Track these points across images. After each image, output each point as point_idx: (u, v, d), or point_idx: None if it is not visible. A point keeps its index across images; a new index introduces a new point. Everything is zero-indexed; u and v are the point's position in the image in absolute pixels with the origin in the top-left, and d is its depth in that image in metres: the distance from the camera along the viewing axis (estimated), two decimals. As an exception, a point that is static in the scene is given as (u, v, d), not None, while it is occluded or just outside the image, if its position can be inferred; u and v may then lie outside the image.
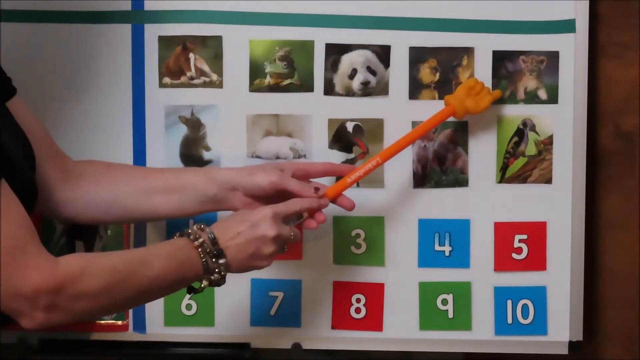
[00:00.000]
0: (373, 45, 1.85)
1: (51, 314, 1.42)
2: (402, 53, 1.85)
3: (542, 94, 1.87)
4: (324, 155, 1.86)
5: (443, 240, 1.88)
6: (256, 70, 1.85)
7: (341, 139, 1.86)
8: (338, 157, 1.86)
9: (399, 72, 1.85)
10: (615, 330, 1.99)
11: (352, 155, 1.87)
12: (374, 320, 1.90)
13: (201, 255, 1.54)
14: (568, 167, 1.87)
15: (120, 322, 1.90)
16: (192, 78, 1.85)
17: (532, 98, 1.86)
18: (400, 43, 1.85)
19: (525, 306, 1.89)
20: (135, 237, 1.88)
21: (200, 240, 1.54)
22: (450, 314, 1.90)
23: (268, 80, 1.85)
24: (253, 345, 1.91)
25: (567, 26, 1.85)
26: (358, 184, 1.77)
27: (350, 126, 1.86)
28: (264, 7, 1.84)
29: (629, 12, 1.91)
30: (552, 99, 1.86)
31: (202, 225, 1.57)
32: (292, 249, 1.84)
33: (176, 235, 1.57)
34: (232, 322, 1.90)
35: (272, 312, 1.89)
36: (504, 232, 1.88)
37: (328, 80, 1.85)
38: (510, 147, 1.87)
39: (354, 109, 1.86)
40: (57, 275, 1.41)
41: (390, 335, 1.90)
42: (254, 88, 1.85)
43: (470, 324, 1.90)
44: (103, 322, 1.90)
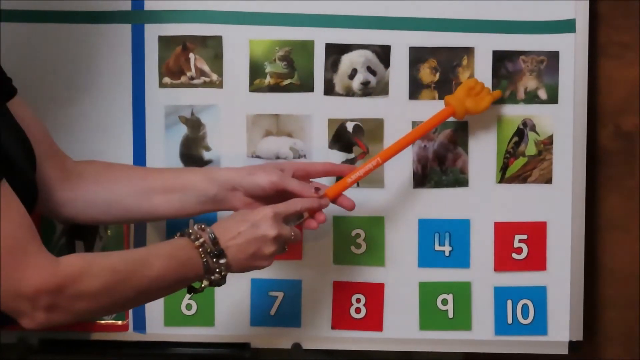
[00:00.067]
0: (373, 45, 1.85)
1: (52, 314, 1.42)
2: (402, 53, 1.85)
3: (542, 94, 1.86)
4: (324, 155, 1.85)
5: (443, 240, 1.88)
6: (256, 70, 1.85)
7: (341, 139, 1.86)
8: (338, 157, 1.86)
9: (399, 72, 1.85)
10: (615, 330, 1.99)
11: (352, 155, 1.87)
12: (374, 320, 1.89)
13: (202, 255, 1.54)
14: (568, 167, 1.87)
15: (120, 322, 1.90)
16: (192, 78, 1.85)
17: (532, 98, 1.86)
18: (400, 43, 1.85)
19: (525, 306, 1.89)
20: (135, 237, 1.88)
21: (201, 240, 1.54)
22: (450, 314, 1.89)
23: (268, 80, 1.85)
24: (253, 345, 1.90)
25: (567, 26, 1.85)
26: (358, 184, 1.77)
27: (350, 126, 1.86)
28: (264, 7, 1.84)
29: (629, 12, 1.91)
30: (552, 99, 1.86)
31: (202, 225, 1.57)
32: (292, 249, 1.84)
33: (177, 235, 1.57)
34: (232, 322, 1.90)
35: (272, 312, 1.89)
36: (504, 232, 1.88)
37: (328, 80, 1.85)
38: (510, 147, 1.87)
39: (354, 109, 1.86)
40: (57, 275, 1.41)
41: (390, 335, 1.90)
42: (254, 88, 1.85)
43: (470, 324, 1.90)
44: (103, 322, 1.90)
